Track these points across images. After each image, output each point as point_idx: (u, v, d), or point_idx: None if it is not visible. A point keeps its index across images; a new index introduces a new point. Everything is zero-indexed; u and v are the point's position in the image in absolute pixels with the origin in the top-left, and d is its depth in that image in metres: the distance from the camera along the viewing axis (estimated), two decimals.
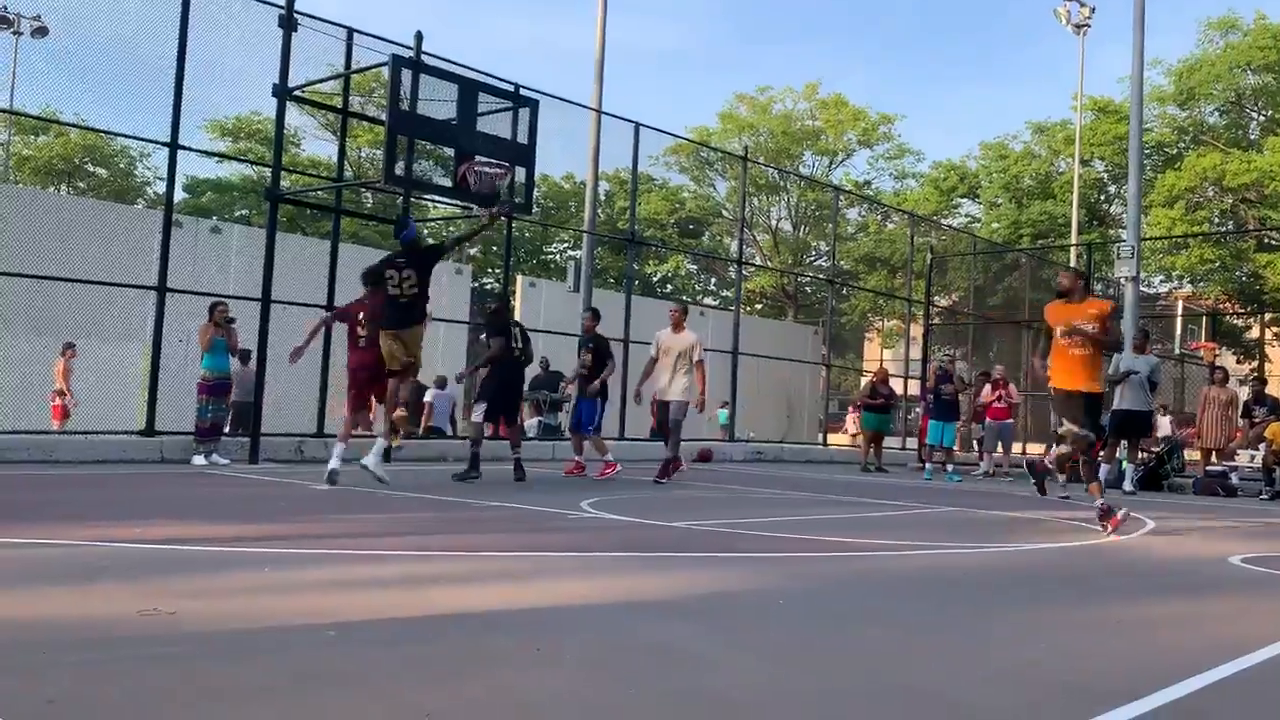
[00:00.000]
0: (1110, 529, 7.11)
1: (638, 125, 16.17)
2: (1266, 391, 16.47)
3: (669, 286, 41.44)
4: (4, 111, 19.75)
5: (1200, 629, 3.99)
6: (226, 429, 11.24)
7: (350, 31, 12.22)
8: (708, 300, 39.90)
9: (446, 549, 5.31)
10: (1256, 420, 14.91)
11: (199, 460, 10.29)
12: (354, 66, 12.54)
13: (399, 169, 10.92)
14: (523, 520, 6.77)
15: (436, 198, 12.69)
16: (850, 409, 25.44)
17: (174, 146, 10.84)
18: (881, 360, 26.79)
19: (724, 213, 39.38)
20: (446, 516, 6.78)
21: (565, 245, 39.60)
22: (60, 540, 4.87)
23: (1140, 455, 13.81)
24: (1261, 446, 14.21)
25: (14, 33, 20.76)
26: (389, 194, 23.52)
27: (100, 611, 3.37)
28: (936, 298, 23.90)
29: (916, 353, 22.69)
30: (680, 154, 36.62)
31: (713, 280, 42.84)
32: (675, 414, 10.45)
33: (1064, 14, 29.30)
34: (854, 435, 22.60)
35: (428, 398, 16.17)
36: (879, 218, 38.63)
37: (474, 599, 3.86)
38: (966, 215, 40.13)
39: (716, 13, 78.48)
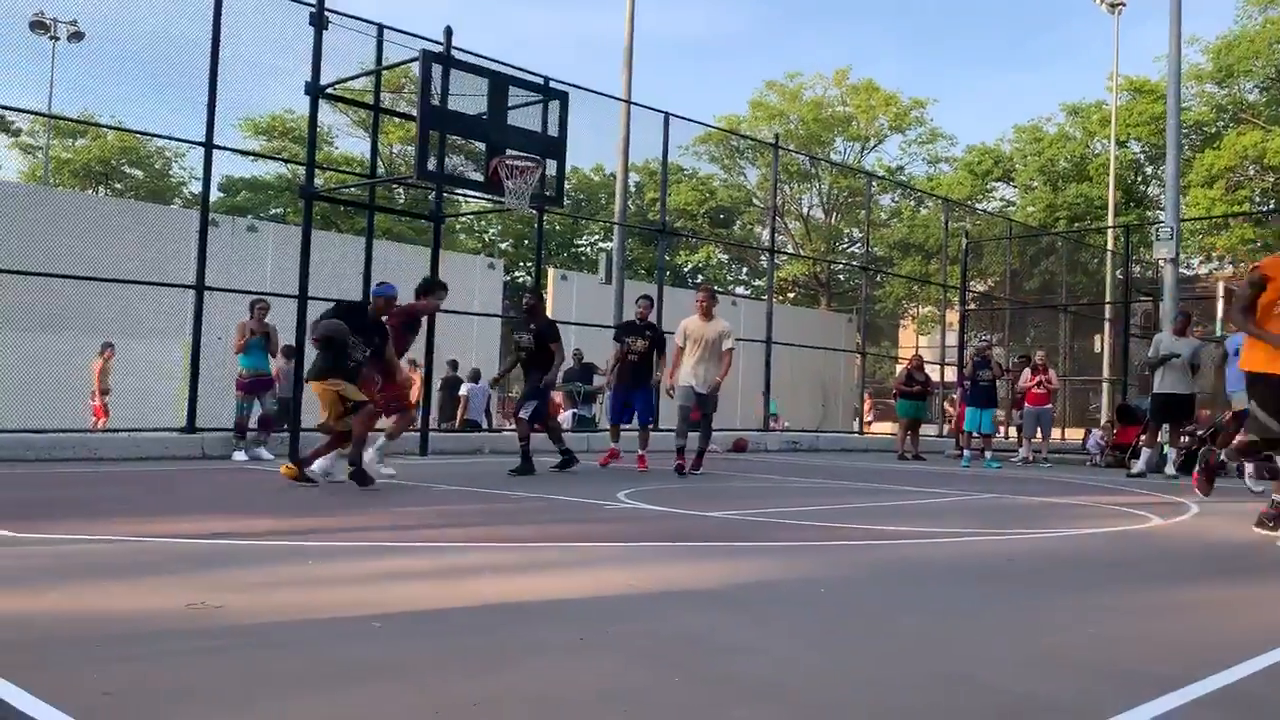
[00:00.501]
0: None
1: (667, 115, 16.14)
2: None
3: (700, 276, 41.35)
4: (43, 115, 20.03)
5: (1250, 613, 3.93)
6: (269, 427, 11.21)
7: (380, 28, 12.29)
8: (740, 289, 39.78)
9: (487, 540, 5.34)
10: None
11: (239, 456, 10.41)
12: (385, 63, 12.61)
13: (431, 164, 10.97)
14: (560, 511, 6.79)
15: (469, 192, 12.72)
16: (865, 398, 25.26)
17: (209, 146, 10.95)
18: (917, 347, 26.61)
19: (755, 201, 39.24)
20: (486, 509, 6.82)
21: (596, 238, 39.64)
22: (108, 536, 4.95)
23: (1182, 439, 13.62)
24: None
25: (51, 37, 21.04)
26: (421, 189, 23.63)
27: (150, 605, 3.42)
28: (972, 283, 23.69)
29: (952, 339, 22.52)
30: (710, 143, 36.51)
31: (744, 269, 42.73)
32: (709, 405, 10.26)
33: None
34: (868, 423, 22.48)
35: (463, 391, 16.29)
36: (912, 203, 38.33)
37: (516, 589, 3.88)
38: (1001, 199, 39.72)
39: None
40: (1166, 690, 2.68)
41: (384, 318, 8.27)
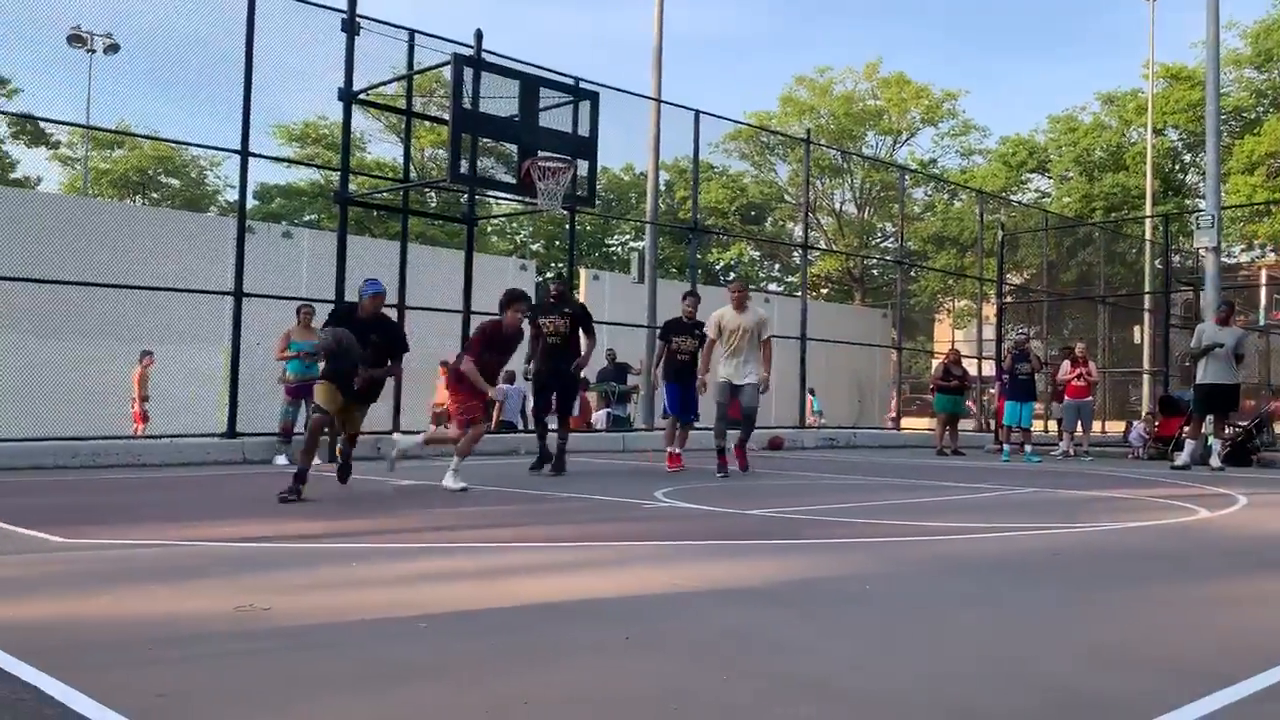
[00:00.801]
0: None
1: (698, 113, 16.11)
2: None
3: (732, 274, 41.23)
4: (82, 126, 20.32)
5: None
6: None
7: (411, 33, 12.36)
8: (772, 286, 39.66)
9: (528, 540, 5.35)
10: None
11: (281, 460, 10.50)
12: (416, 67, 12.68)
13: (464, 167, 11.03)
14: (600, 511, 6.80)
15: (500, 194, 12.77)
16: (891, 394, 25.04)
17: (245, 154, 11.06)
18: (953, 341, 26.38)
19: (786, 198, 39.08)
20: (524, 509, 6.84)
21: (627, 237, 39.66)
22: (155, 540, 5.01)
23: (1227, 430, 13.39)
24: None
25: (88, 50, 21.36)
26: (453, 192, 23.75)
27: (198, 608, 3.46)
28: (1008, 275, 23.44)
29: (989, 333, 22.30)
30: (740, 140, 36.41)
31: (776, 266, 42.56)
32: (751, 400, 9.65)
33: None
34: (893, 418, 22.29)
35: (493, 394, 16.31)
36: (946, 196, 38.00)
37: (560, 589, 3.88)
38: (1036, 190, 39.28)
39: None
40: (1221, 686, 2.63)
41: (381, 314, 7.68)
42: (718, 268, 40.63)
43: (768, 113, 39.28)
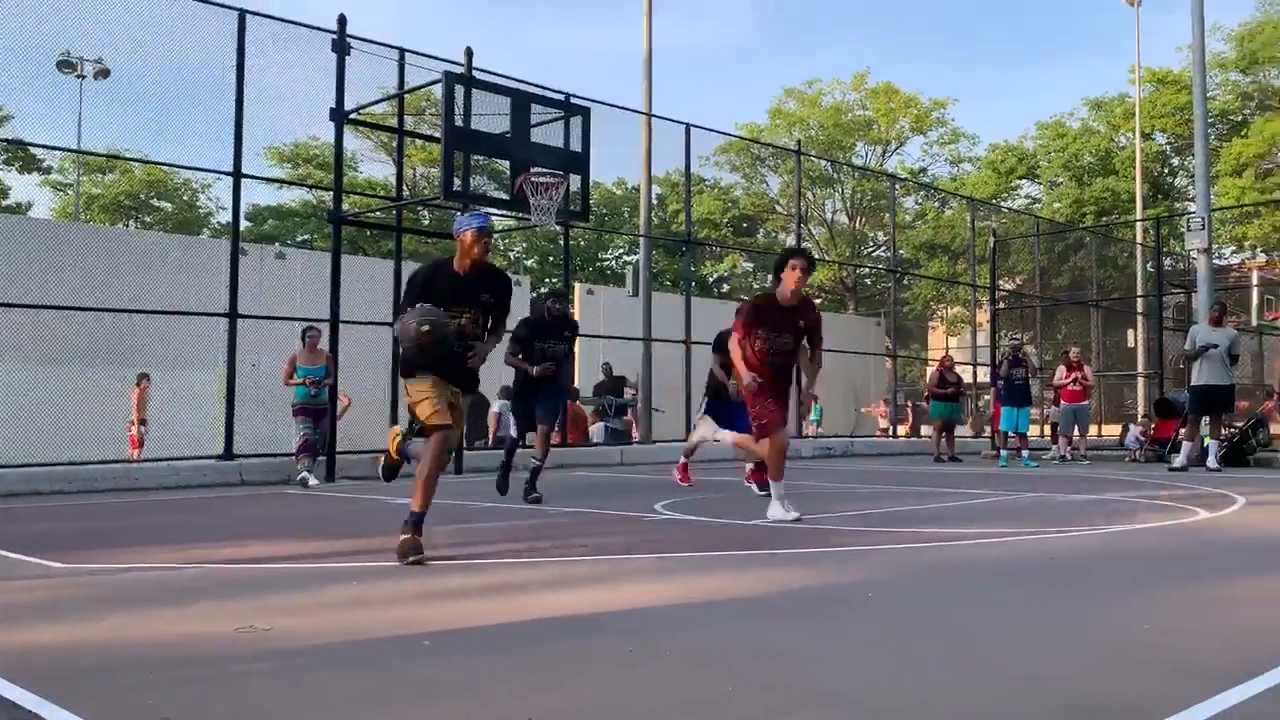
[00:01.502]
0: None
1: (688, 126, 16.16)
2: None
3: (725, 286, 41.32)
4: (73, 151, 20.31)
5: None
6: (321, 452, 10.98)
7: (402, 52, 12.38)
8: None
9: (530, 555, 5.34)
10: None
11: (312, 481, 10.31)
12: (406, 86, 12.71)
13: (456, 184, 11.04)
14: (600, 524, 6.78)
15: (494, 210, 12.78)
16: (875, 404, 25.03)
17: (238, 175, 11.06)
18: (946, 348, 26.41)
19: (778, 209, 39.17)
20: (525, 524, 6.82)
21: (620, 251, 39.71)
22: (154, 564, 4.98)
23: (1223, 431, 13.42)
24: None
25: (78, 76, 21.37)
26: (447, 209, 23.76)
27: (199, 630, 3.44)
28: (1001, 281, 23.50)
29: (983, 339, 22.34)
30: (731, 152, 36.50)
31: (768, 278, 42.59)
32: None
33: None
34: (883, 429, 22.31)
35: (495, 409, 16.30)
36: (936, 204, 38.11)
37: (562, 603, 3.87)
38: (1026, 196, 39.43)
39: (760, 7, 78.13)
40: (1229, 685, 2.63)
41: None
42: (711, 280, 40.71)
43: (758, 125, 39.42)
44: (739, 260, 39.84)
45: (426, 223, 30.05)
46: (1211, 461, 12.59)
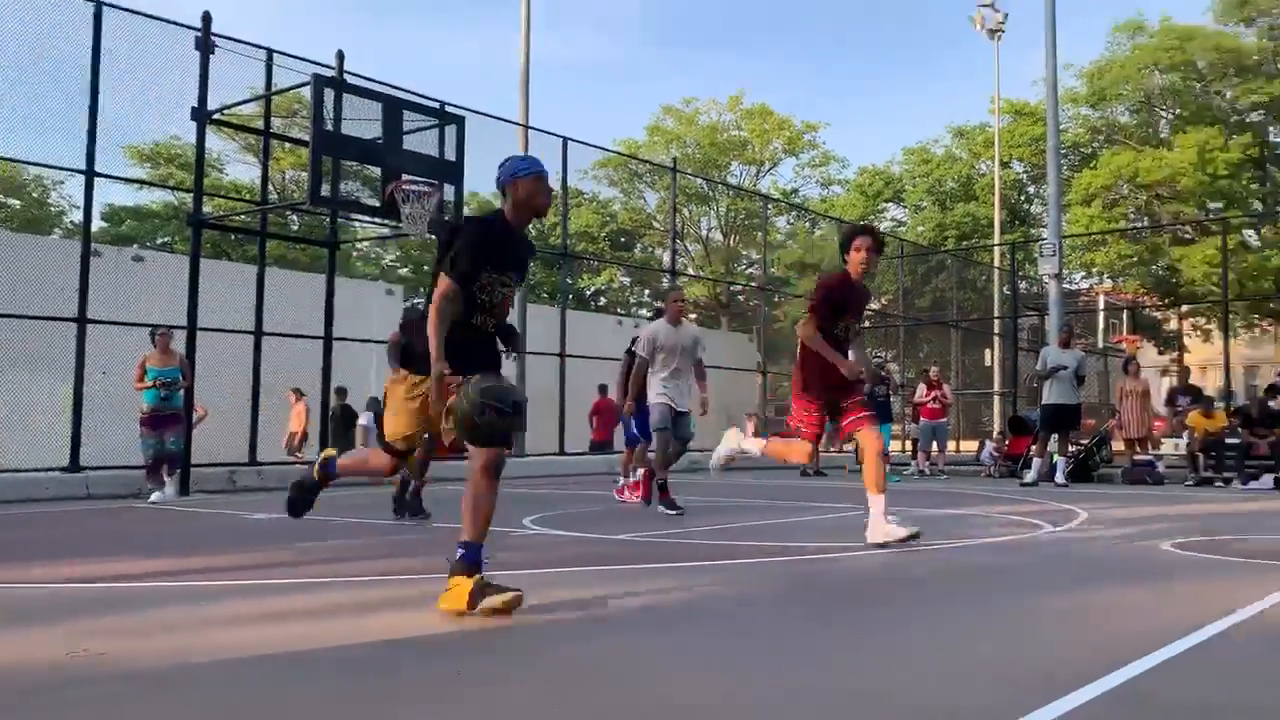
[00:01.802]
0: None
1: (565, 139, 16.18)
2: (1190, 382, 17.00)
3: (602, 299, 41.48)
4: None
5: (1138, 615, 4.07)
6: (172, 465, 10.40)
7: (270, 52, 12.05)
8: (643, 311, 39.99)
9: (387, 574, 5.22)
10: (1179, 410, 15.36)
11: (157, 496, 9.82)
12: (275, 88, 12.36)
13: (325, 190, 10.79)
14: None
15: (365, 219, 12.55)
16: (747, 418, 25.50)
17: (90, 173, 10.56)
18: None
19: (655, 224, 39.55)
20: (384, 541, 6.67)
21: None
22: None
23: (1070, 448, 14.13)
24: (1185, 435, 14.64)
25: None
26: (316, 215, 23.17)
27: (29, 655, 3.24)
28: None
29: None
30: (610, 167, 36.72)
31: (646, 291, 42.96)
32: (686, 428, 8.61)
33: (979, 20, 30.00)
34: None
35: (362, 421, 15.90)
36: (808, 225, 39.11)
37: (416, 623, 3.79)
38: (892, 219, 40.83)
39: (640, 24, 78.96)
40: (1060, 694, 2.74)
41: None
42: (589, 293, 40.78)
43: (636, 141, 39.79)
44: (616, 274, 40.05)
45: (296, 228, 29.26)
46: (1059, 477, 13.24)
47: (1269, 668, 3.20)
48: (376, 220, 12.67)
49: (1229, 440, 13.96)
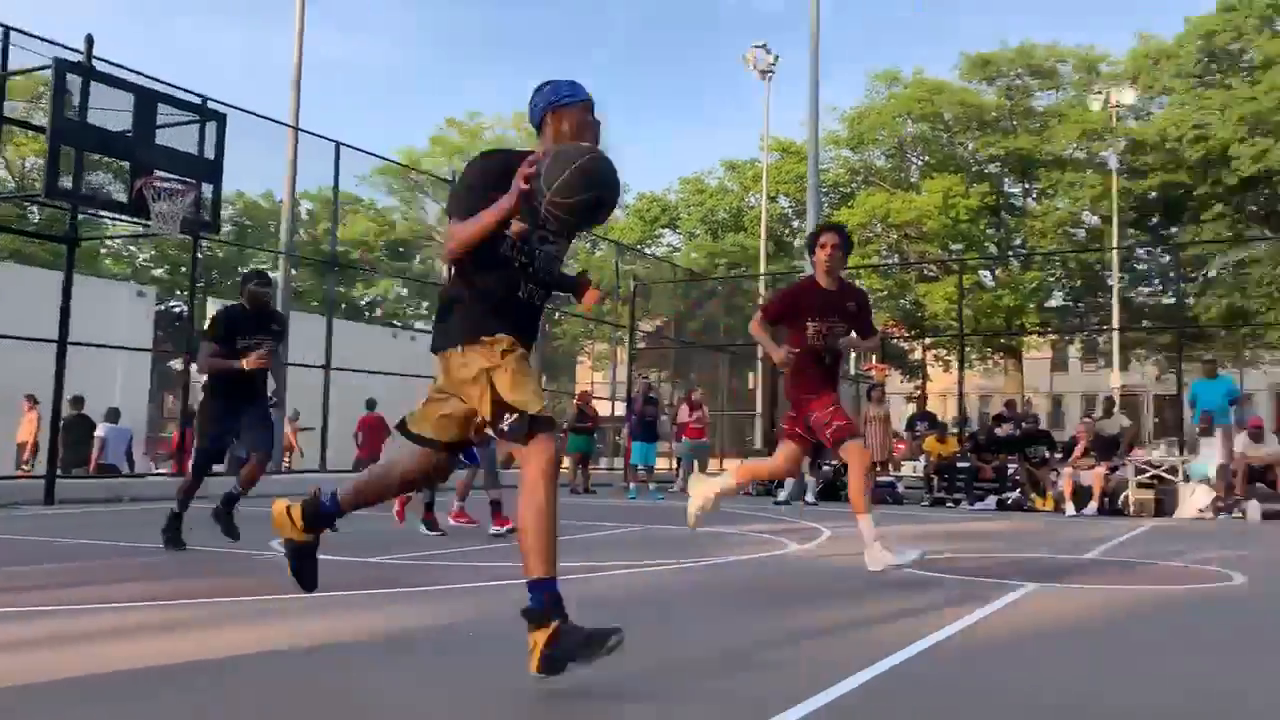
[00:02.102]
0: None
1: (338, 144, 15.71)
2: (927, 409, 18.41)
3: (378, 310, 40.46)
4: None
5: (868, 631, 4.35)
6: None
7: (7, 29, 11.06)
8: (420, 325, 39.27)
9: (121, 600, 4.87)
10: (918, 434, 16.59)
11: None
12: (11, 68, 11.36)
13: (66, 181, 10.02)
14: (206, 564, 6.33)
15: (111, 215, 11.71)
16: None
17: None
18: (592, 383, 27.42)
19: (436, 236, 38.99)
20: (121, 564, 6.24)
21: (265, 266, 37.65)
22: None
23: (821, 469, 14.96)
24: (922, 458, 15.82)
25: None
26: (59, 209, 21.42)
27: None
28: (641, 323, 24.82)
29: (623, 375, 23.43)
30: (390, 175, 35.92)
31: (424, 304, 42.23)
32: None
33: (750, 59, 31.38)
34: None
35: (99, 432, 14.73)
36: (588, 245, 39.62)
37: (147, 652, 3.56)
38: (668, 245, 42.04)
39: (424, 34, 77.79)
40: (786, 707, 2.90)
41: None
42: (363, 303, 39.66)
43: (417, 151, 39.12)
44: (393, 285, 39.16)
45: (36, 222, 26.95)
46: (809, 497, 14.00)
47: (967, 685, 3.50)
48: (124, 218, 11.84)
49: (960, 464, 15.18)
